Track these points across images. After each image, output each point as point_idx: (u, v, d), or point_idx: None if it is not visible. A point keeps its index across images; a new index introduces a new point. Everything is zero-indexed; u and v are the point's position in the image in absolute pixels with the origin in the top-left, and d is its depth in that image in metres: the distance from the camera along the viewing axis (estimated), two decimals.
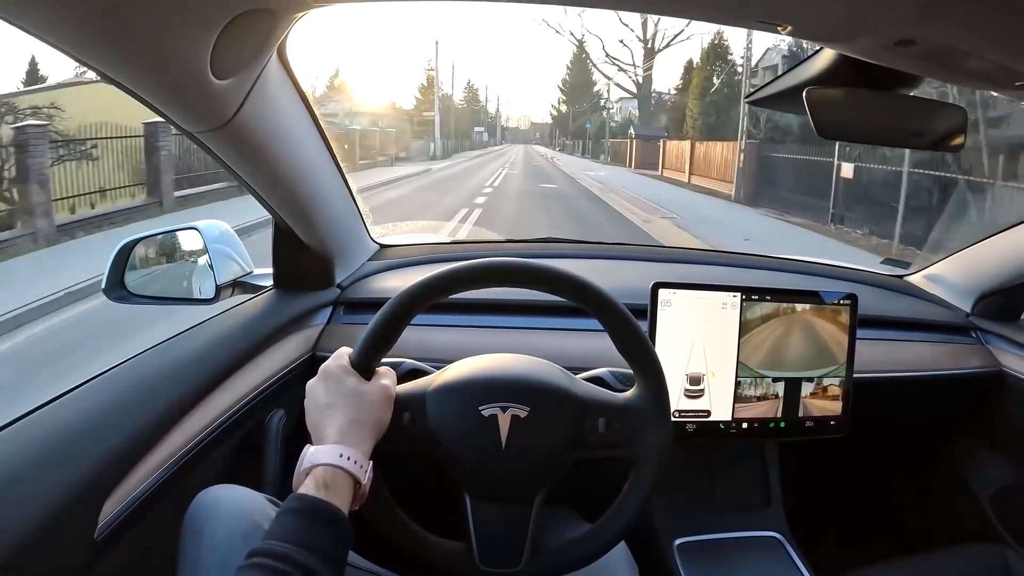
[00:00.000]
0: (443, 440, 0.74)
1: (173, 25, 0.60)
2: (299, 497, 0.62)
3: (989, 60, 0.67)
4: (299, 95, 0.92)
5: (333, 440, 0.67)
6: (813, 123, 0.79)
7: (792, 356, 1.10)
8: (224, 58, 0.67)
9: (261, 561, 0.56)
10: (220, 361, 0.93)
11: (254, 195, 0.98)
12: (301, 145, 0.97)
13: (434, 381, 0.77)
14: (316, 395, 0.72)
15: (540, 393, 0.75)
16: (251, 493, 0.76)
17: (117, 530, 0.70)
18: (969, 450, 1.42)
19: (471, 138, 55.07)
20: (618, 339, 0.77)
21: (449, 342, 1.13)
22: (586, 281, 0.76)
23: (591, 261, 1.45)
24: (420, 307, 0.75)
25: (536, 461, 0.75)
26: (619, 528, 0.77)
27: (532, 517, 0.75)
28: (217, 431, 0.89)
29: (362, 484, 0.67)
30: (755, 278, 1.40)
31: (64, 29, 0.58)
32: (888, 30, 0.60)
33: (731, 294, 1.08)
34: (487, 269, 0.76)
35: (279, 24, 0.71)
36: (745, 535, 1.26)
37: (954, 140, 0.86)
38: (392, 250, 1.43)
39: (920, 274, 1.53)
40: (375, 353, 0.74)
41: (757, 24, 0.62)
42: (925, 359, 1.31)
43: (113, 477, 0.71)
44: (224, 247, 1.19)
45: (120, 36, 0.59)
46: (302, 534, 0.59)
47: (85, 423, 0.73)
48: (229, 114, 0.77)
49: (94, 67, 0.63)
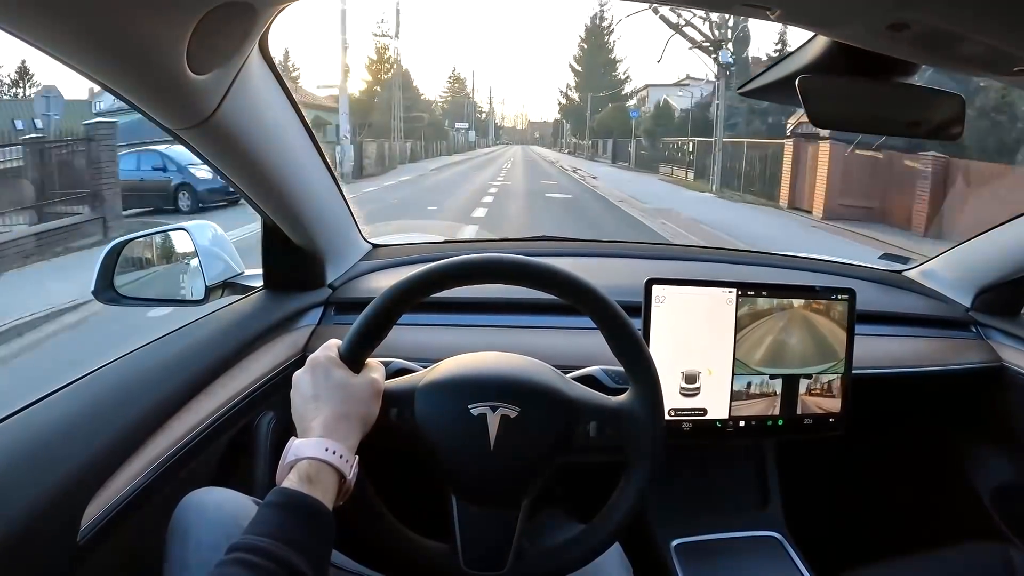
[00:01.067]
0: (430, 438, 0.72)
1: (146, 18, 0.59)
2: (281, 491, 0.61)
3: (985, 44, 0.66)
4: (283, 91, 0.90)
5: (318, 433, 0.66)
6: (807, 112, 0.78)
7: (790, 353, 1.09)
8: (202, 52, 0.66)
9: (241, 556, 0.55)
10: (208, 363, 0.92)
11: (240, 193, 0.97)
12: (287, 142, 0.96)
13: (423, 378, 0.76)
14: (302, 386, 0.71)
15: (531, 393, 0.74)
16: (238, 496, 0.75)
17: (100, 533, 0.69)
18: (969, 446, 1.41)
19: (448, 137, 42.06)
20: (611, 339, 0.76)
21: (440, 341, 1.12)
22: (579, 278, 0.75)
23: (585, 259, 1.44)
24: (412, 301, 0.74)
25: (525, 462, 0.73)
26: (610, 531, 0.75)
27: (519, 519, 0.74)
28: (205, 433, 0.88)
29: (347, 479, 0.66)
30: (751, 274, 1.39)
31: (35, 23, 0.56)
32: (878, 12, 0.59)
33: (727, 290, 1.06)
34: (479, 265, 0.74)
35: (259, 17, 0.70)
36: (743, 535, 1.24)
37: (952, 128, 0.84)
38: (384, 250, 1.42)
39: (919, 269, 1.51)
40: (365, 346, 0.73)
41: (744, 9, 0.61)
42: (925, 354, 1.30)
43: (96, 479, 0.70)
44: (214, 247, 1.18)
45: (92, 29, 0.58)
46: (283, 529, 0.58)
47: (67, 425, 0.72)
48: (209, 110, 0.75)
49: (66, 61, 0.61)
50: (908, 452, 1.49)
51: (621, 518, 0.75)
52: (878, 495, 1.53)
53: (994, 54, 0.68)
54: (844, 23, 0.64)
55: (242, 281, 1.19)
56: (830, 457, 1.39)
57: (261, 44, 0.80)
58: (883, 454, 1.50)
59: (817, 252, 1.61)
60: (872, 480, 1.53)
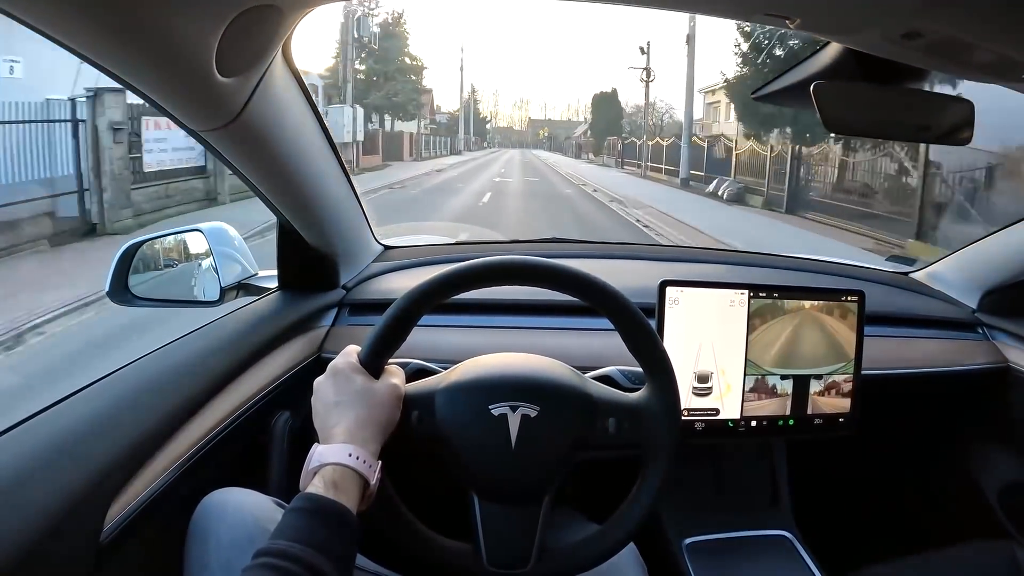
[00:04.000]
0: (452, 439, 0.73)
1: (178, 21, 0.60)
2: (307, 496, 0.62)
3: (995, 52, 0.67)
4: (303, 94, 0.91)
5: (341, 439, 0.67)
6: (821, 117, 0.79)
7: (800, 353, 1.10)
8: (230, 55, 0.67)
9: (269, 561, 0.55)
10: (225, 363, 0.93)
11: (258, 195, 0.98)
12: (306, 144, 0.97)
13: (444, 380, 0.76)
14: (324, 393, 0.71)
15: (550, 392, 0.75)
16: (257, 496, 0.76)
17: (123, 533, 0.70)
18: (976, 446, 1.42)
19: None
20: (628, 338, 0.76)
21: (457, 342, 1.13)
22: (595, 279, 0.75)
23: (598, 261, 1.45)
24: (430, 305, 0.74)
25: (545, 461, 0.74)
26: (628, 529, 0.76)
27: (541, 517, 0.74)
28: (223, 433, 0.88)
29: (371, 484, 0.66)
30: (761, 276, 1.40)
31: (68, 25, 0.57)
32: (894, 22, 0.60)
33: (739, 291, 1.07)
34: (496, 267, 0.75)
35: (284, 21, 0.71)
36: (754, 534, 1.25)
37: (962, 133, 0.85)
38: (397, 251, 1.43)
39: (926, 271, 1.52)
40: (384, 351, 0.74)
41: (764, 18, 0.62)
42: (932, 356, 1.30)
43: (119, 480, 0.71)
44: (228, 249, 1.19)
45: (124, 33, 0.59)
46: (311, 534, 0.59)
47: (90, 425, 0.73)
48: (234, 112, 0.77)
49: (98, 64, 0.62)
50: (916, 452, 1.50)
51: (640, 514, 0.75)
52: (887, 494, 1.54)
53: (1003, 61, 0.69)
54: (861, 32, 0.65)
55: (256, 282, 1.20)
56: (840, 457, 1.39)
57: (284, 48, 0.81)
58: (891, 454, 1.51)
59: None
60: (881, 479, 1.54)
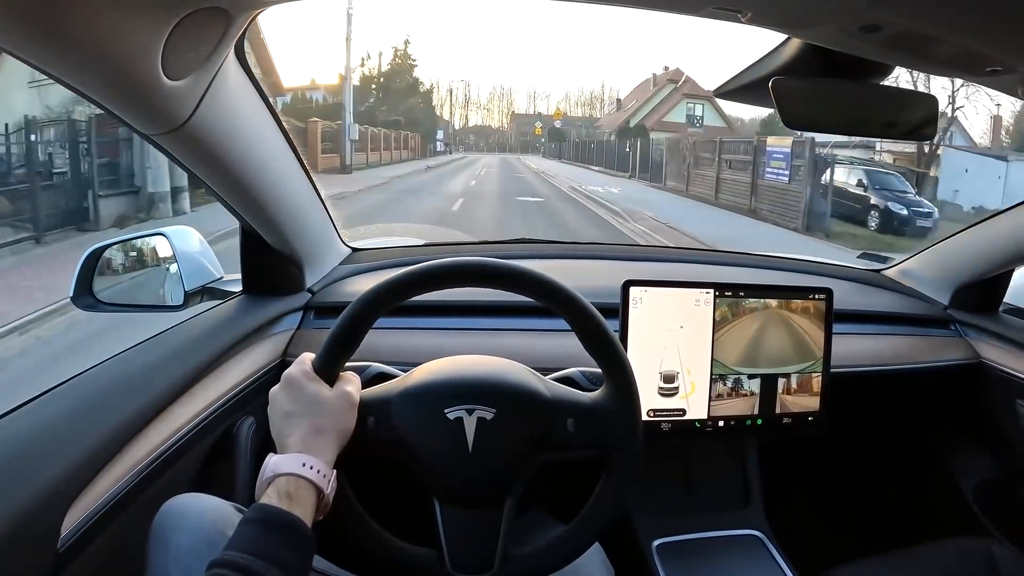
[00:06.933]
0: (409, 445, 0.72)
1: (121, 24, 0.59)
2: (261, 507, 0.61)
3: (958, 46, 0.66)
4: (260, 96, 0.90)
5: (296, 449, 0.66)
6: (780, 114, 0.78)
7: (768, 352, 1.10)
8: (177, 58, 0.66)
9: (221, 573, 0.55)
10: (187, 368, 0.92)
11: (217, 198, 0.96)
12: (263, 147, 0.95)
13: (399, 385, 0.75)
14: (278, 403, 0.71)
15: (506, 394, 0.74)
16: (218, 502, 0.74)
17: (81, 540, 0.69)
18: (950, 443, 1.42)
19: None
20: (584, 337, 0.76)
21: (419, 344, 1.12)
22: (550, 279, 0.75)
23: (563, 261, 1.45)
24: (384, 309, 0.73)
25: (504, 463, 0.73)
26: (593, 531, 0.75)
27: (503, 520, 0.74)
28: (185, 439, 0.87)
29: (325, 494, 0.66)
30: (728, 275, 1.40)
31: (7, 29, 0.56)
32: (850, 15, 0.59)
33: (704, 291, 1.07)
34: (448, 269, 0.74)
35: (233, 23, 0.70)
36: (725, 534, 1.25)
37: (926, 128, 0.85)
38: (364, 253, 1.41)
39: (897, 268, 1.53)
40: (339, 357, 0.73)
41: (715, 12, 0.61)
42: (904, 352, 1.31)
43: (76, 486, 0.70)
44: (193, 253, 1.17)
45: (66, 35, 0.57)
46: (264, 545, 0.58)
47: (46, 432, 0.71)
48: (185, 116, 0.75)
49: (40, 67, 0.61)
50: (889, 450, 1.50)
51: (604, 514, 0.75)
52: (860, 493, 1.54)
53: (967, 55, 0.68)
54: (816, 25, 0.64)
55: (221, 286, 1.18)
56: (811, 456, 1.39)
57: (237, 49, 0.79)
58: (864, 452, 1.51)
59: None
60: (854, 478, 1.54)
